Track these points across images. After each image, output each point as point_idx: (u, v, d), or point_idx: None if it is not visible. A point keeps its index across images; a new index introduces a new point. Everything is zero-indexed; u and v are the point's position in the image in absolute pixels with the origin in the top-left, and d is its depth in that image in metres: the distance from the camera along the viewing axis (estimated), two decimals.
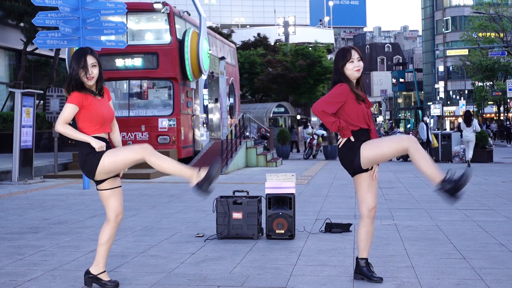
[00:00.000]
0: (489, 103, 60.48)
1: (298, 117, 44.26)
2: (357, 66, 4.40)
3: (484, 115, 62.27)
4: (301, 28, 56.28)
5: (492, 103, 59.72)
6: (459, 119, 68.77)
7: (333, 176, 14.58)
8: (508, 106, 53.55)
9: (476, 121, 18.17)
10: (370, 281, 4.53)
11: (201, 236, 6.48)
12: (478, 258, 5.31)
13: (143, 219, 7.82)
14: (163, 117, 16.92)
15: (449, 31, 76.19)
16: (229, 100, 23.50)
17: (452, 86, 76.24)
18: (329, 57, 47.95)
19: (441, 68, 76.18)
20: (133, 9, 16.75)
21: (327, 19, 75.51)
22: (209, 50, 18.85)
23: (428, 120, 20.82)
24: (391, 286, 4.45)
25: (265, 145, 23.39)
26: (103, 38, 12.73)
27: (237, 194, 6.77)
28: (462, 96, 70.81)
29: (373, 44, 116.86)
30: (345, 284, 4.53)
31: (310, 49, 40.34)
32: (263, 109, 38.14)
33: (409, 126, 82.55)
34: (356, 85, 4.48)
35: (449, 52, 61.86)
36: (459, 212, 8.28)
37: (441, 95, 74.52)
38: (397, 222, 7.42)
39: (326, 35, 59.22)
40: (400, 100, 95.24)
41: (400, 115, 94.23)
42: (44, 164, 15.48)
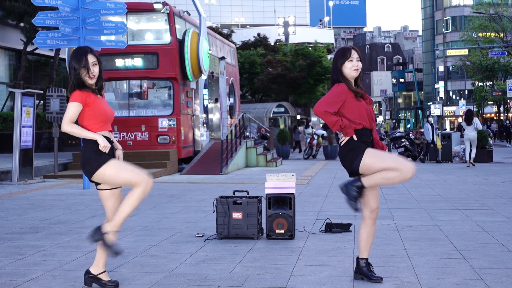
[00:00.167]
0: (489, 103, 60.50)
1: (298, 117, 44.23)
2: (355, 65, 4.41)
3: (484, 115, 62.25)
4: (301, 28, 56.25)
5: (492, 103, 59.74)
6: (459, 119, 68.82)
7: (333, 176, 14.57)
8: (508, 106, 53.55)
9: (476, 120, 18.19)
10: (370, 281, 4.53)
11: (201, 236, 6.48)
12: (478, 258, 5.31)
13: (143, 219, 7.82)
14: (163, 117, 16.91)
15: (449, 31, 76.23)
16: (229, 100, 23.50)
17: (452, 86, 76.28)
18: (329, 57, 47.90)
19: (441, 68, 76.22)
20: (133, 9, 16.75)
21: (327, 19, 75.50)
22: (209, 50, 18.85)
23: (433, 120, 20.81)
24: (391, 286, 4.46)
25: (265, 145, 23.39)
26: (103, 38, 12.74)
27: (237, 194, 6.77)
28: (462, 96, 70.83)
29: (373, 44, 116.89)
30: (345, 284, 4.53)
31: (310, 49, 40.31)
32: (263, 109, 38.13)
33: (409, 126, 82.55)
34: (355, 85, 4.50)
35: (449, 52, 61.89)
36: (459, 212, 8.28)
37: (441, 95, 74.54)
38: (397, 222, 7.42)
39: (326, 35, 59.19)
40: (400, 100, 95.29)
41: (400, 115, 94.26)
42: (44, 164, 15.48)
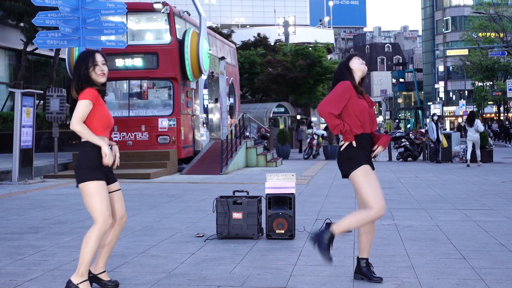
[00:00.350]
0: (489, 103, 60.50)
1: (298, 117, 44.24)
2: (363, 65, 4.57)
3: (484, 115, 62.25)
4: (301, 28, 56.24)
5: (492, 103, 59.74)
6: (459, 119, 68.86)
7: (333, 176, 14.57)
8: (508, 106, 53.53)
9: (478, 121, 18.34)
10: (370, 281, 4.53)
11: (201, 236, 6.48)
12: (478, 258, 5.31)
13: (143, 219, 7.82)
14: (163, 117, 16.91)
15: (449, 31, 76.23)
16: (229, 100, 23.49)
17: (452, 86, 76.28)
18: (329, 57, 47.94)
19: (441, 68, 76.23)
20: (133, 9, 16.74)
21: (327, 19, 75.50)
22: (209, 50, 18.84)
23: (436, 118, 20.82)
24: (391, 286, 4.46)
25: (265, 145, 23.39)
26: (103, 38, 12.75)
27: (237, 194, 6.77)
28: (462, 96, 70.83)
29: (373, 44, 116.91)
30: (345, 284, 4.53)
31: (310, 49, 40.31)
32: (263, 109, 38.14)
33: (409, 126, 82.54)
34: (359, 85, 4.58)
35: (449, 52, 61.89)
36: (459, 212, 8.28)
37: (441, 95, 74.54)
38: (397, 222, 7.42)
39: (326, 35, 59.15)
40: (400, 100, 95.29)
41: (400, 115, 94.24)
42: (44, 164, 15.48)
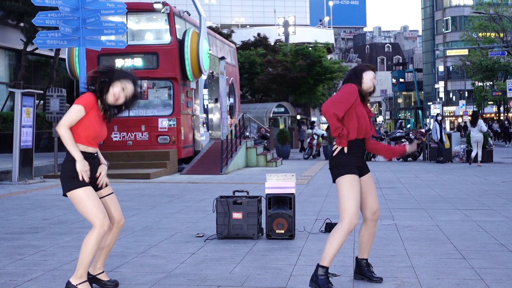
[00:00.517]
0: (489, 103, 60.50)
1: (298, 117, 44.25)
2: (372, 81, 4.45)
3: (484, 115, 62.24)
4: (301, 28, 56.24)
5: (492, 103, 59.73)
6: (459, 119, 68.88)
7: None
8: (508, 106, 53.53)
9: (481, 121, 18.43)
10: (370, 281, 4.53)
11: (201, 236, 6.48)
12: (478, 258, 5.31)
13: (143, 219, 7.82)
14: (163, 117, 16.90)
15: (449, 31, 76.24)
16: (229, 100, 23.49)
17: (452, 86, 76.28)
18: (329, 57, 47.90)
19: (441, 68, 76.24)
20: (133, 9, 16.73)
21: (327, 19, 75.50)
22: (209, 50, 18.84)
23: (440, 119, 20.82)
24: (391, 286, 4.46)
25: (265, 145, 23.39)
26: (103, 38, 12.75)
27: (237, 194, 6.77)
28: (462, 96, 70.83)
29: (373, 44, 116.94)
30: (345, 284, 4.53)
31: (310, 49, 40.32)
32: (263, 109, 38.14)
33: (409, 126, 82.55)
34: (362, 100, 4.46)
35: (449, 52, 61.91)
36: (459, 212, 8.28)
37: (441, 95, 74.55)
38: (397, 222, 7.42)
39: (326, 35, 59.15)
40: (400, 100, 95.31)
41: (400, 115, 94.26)
42: (44, 164, 15.48)
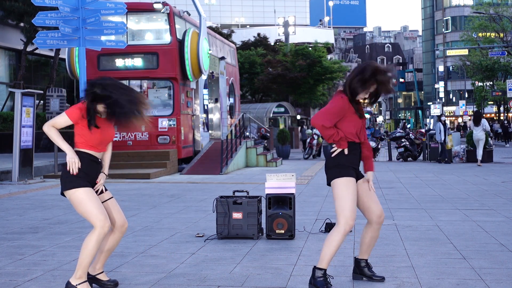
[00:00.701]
0: (489, 103, 60.49)
1: (298, 117, 44.23)
2: (368, 93, 4.33)
3: (484, 115, 62.21)
4: (301, 28, 56.20)
5: (492, 103, 59.73)
6: (459, 119, 68.86)
7: None
8: (508, 106, 53.53)
9: (484, 121, 18.51)
10: (371, 281, 4.53)
11: (201, 236, 6.48)
12: (478, 258, 5.31)
13: (143, 219, 7.82)
14: (163, 117, 16.90)
15: (449, 31, 76.24)
16: (229, 100, 23.49)
17: (452, 86, 76.29)
18: (329, 57, 47.89)
19: (441, 68, 76.21)
20: (133, 9, 16.73)
21: (327, 19, 75.47)
22: (209, 50, 18.84)
23: (444, 119, 20.71)
24: (391, 286, 4.46)
25: (265, 145, 23.39)
26: (103, 38, 12.74)
27: (237, 194, 6.77)
28: (462, 96, 70.81)
29: (373, 44, 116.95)
30: (345, 284, 4.53)
31: (310, 49, 40.31)
32: (263, 109, 38.12)
33: (409, 126, 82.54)
34: (357, 103, 4.39)
35: (449, 52, 61.87)
36: (459, 212, 8.28)
37: (441, 95, 74.54)
38: (397, 222, 7.42)
39: (326, 35, 59.12)
40: (400, 100, 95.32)
41: (400, 115, 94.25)
42: (44, 164, 15.48)
